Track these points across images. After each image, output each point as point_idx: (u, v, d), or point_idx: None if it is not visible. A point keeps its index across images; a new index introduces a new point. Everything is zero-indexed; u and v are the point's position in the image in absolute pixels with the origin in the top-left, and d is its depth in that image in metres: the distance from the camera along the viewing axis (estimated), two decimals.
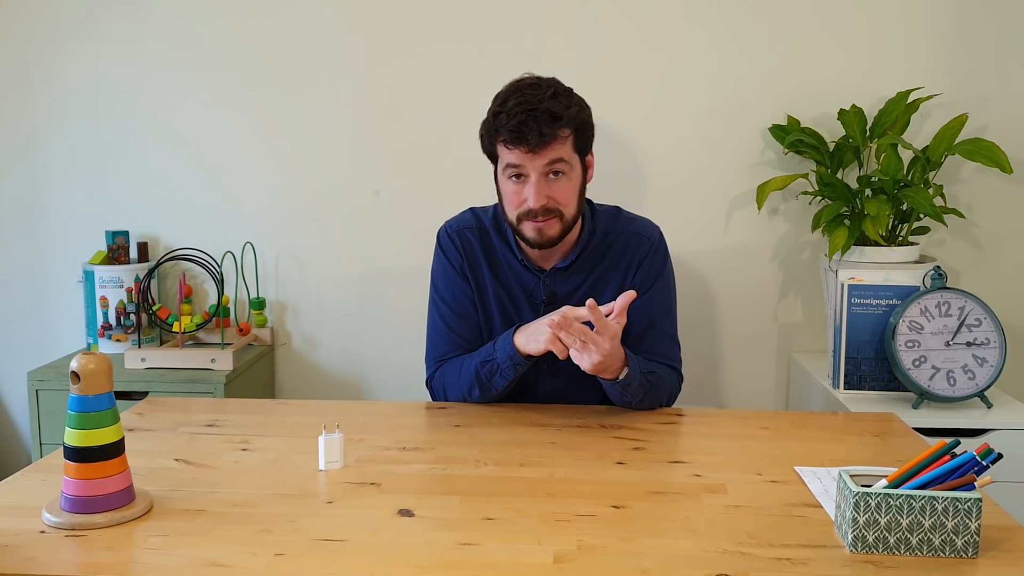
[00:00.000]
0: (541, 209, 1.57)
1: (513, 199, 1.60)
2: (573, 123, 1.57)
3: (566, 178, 1.59)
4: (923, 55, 2.27)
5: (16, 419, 2.59)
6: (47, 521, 1.14)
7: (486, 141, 1.63)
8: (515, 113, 1.52)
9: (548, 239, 1.61)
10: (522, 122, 1.51)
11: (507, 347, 1.59)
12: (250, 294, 2.47)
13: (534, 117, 1.51)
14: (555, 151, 1.55)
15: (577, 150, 1.60)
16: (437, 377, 1.72)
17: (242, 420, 1.59)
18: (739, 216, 2.37)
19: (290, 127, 2.41)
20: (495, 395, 1.65)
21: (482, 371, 1.63)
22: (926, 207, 2.01)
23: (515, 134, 1.52)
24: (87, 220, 2.48)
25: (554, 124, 1.53)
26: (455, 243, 1.73)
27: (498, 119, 1.56)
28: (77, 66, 2.42)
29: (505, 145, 1.56)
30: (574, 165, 1.60)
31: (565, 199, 1.59)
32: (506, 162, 1.58)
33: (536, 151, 1.53)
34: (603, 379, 1.57)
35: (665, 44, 2.32)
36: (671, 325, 1.73)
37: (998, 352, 1.87)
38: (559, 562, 1.04)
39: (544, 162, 1.55)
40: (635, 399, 1.60)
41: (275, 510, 1.19)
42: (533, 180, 1.56)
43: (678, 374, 1.72)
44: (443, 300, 1.74)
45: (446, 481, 1.30)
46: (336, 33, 2.37)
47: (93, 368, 1.13)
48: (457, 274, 1.73)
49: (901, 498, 1.05)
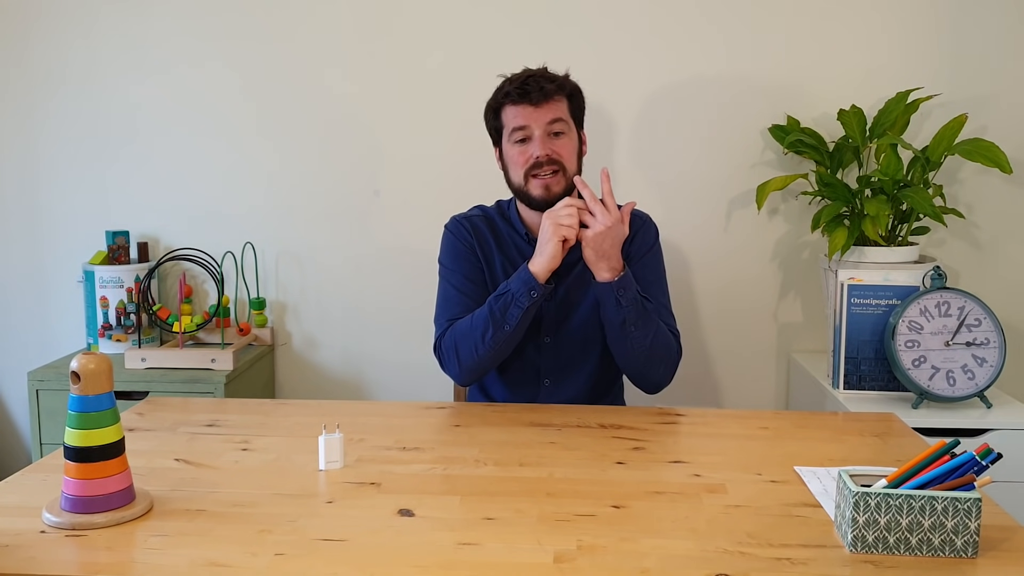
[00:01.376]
0: (546, 159, 1.68)
1: (519, 159, 1.71)
2: (567, 88, 1.73)
3: (566, 137, 1.71)
4: (923, 55, 2.27)
5: (16, 419, 2.59)
6: (47, 521, 1.14)
7: (491, 116, 1.76)
8: (517, 79, 1.71)
9: (554, 195, 1.70)
10: (524, 82, 1.69)
11: (522, 274, 1.65)
12: (250, 294, 2.47)
13: (534, 79, 1.70)
14: (555, 109, 1.70)
15: (572, 116, 1.73)
16: (448, 335, 1.71)
17: (242, 420, 1.59)
18: (739, 216, 2.37)
19: (290, 127, 2.41)
20: (507, 336, 1.65)
21: (495, 305, 1.65)
22: (926, 207, 2.01)
23: (520, 91, 1.69)
24: (87, 220, 2.48)
25: (553, 83, 1.70)
26: (464, 227, 1.82)
27: (502, 89, 1.73)
28: (77, 66, 2.42)
29: (512, 103, 1.70)
30: (572, 127, 1.73)
31: (567, 155, 1.71)
32: (512, 126, 1.70)
33: (539, 105, 1.68)
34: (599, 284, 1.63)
35: (665, 44, 2.32)
36: (664, 295, 1.79)
37: (998, 352, 1.87)
38: (559, 562, 1.04)
39: (546, 119, 1.68)
40: (630, 315, 1.63)
41: (275, 510, 1.19)
42: (537, 135, 1.69)
43: (676, 340, 1.74)
44: (453, 271, 1.80)
45: (446, 481, 1.30)
46: (337, 33, 2.37)
47: (93, 368, 1.14)
48: (467, 250, 1.80)
49: (901, 498, 1.05)
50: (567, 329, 1.77)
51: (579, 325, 1.76)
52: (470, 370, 1.70)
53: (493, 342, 1.65)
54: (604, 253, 1.62)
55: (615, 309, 1.63)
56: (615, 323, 1.65)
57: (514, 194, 1.77)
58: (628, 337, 1.65)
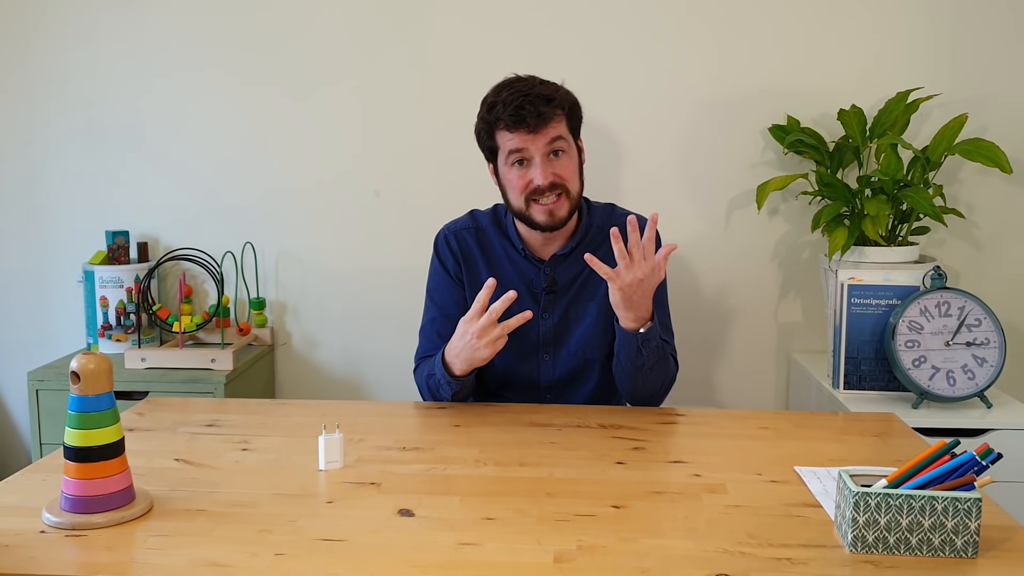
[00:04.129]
0: (548, 185, 1.61)
1: (518, 183, 1.64)
2: (565, 103, 1.64)
3: (566, 156, 1.65)
4: (923, 55, 2.27)
5: (16, 419, 2.59)
6: (47, 521, 1.14)
7: (484, 136, 1.67)
8: (510, 101, 1.60)
9: (559, 220, 1.65)
10: (519, 106, 1.58)
11: (438, 365, 1.64)
12: (250, 294, 2.47)
13: (529, 100, 1.59)
14: (553, 129, 1.62)
15: (570, 130, 1.66)
16: (417, 373, 1.76)
17: (242, 420, 1.59)
18: (739, 216, 2.37)
19: (290, 127, 2.41)
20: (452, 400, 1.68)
21: (429, 383, 1.69)
22: (926, 207, 2.01)
23: (515, 117, 1.59)
24: (87, 220, 2.48)
25: (549, 104, 1.60)
26: (451, 246, 1.77)
27: (494, 110, 1.62)
28: (77, 66, 2.42)
29: (507, 130, 1.61)
30: (571, 144, 1.66)
31: (568, 175, 1.65)
32: (508, 149, 1.63)
33: (536, 131, 1.60)
34: (626, 329, 1.58)
35: (665, 44, 2.32)
36: (665, 315, 1.75)
37: (998, 352, 1.87)
38: (559, 562, 1.04)
39: (545, 141, 1.61)
40: (649, 361, 1.60)
41: (275, 510, 1.19)
42: (537, 160, 1.61)
43: (675, 363, 1.72)
44: (432, 302, 1.79)
45: (446, 481, 1.30)
46: (336, 33, 2.37)
47: (93, 368, 1.13)
48: (450, 277, 1.77)
49: (901, 498, 1.05)
50: (566, 346, 1.73)
51: (578, 342, 1.72)
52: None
53: (442, 402, 1.69)
54: (634, 304, 1.54)
55: (635, 355, 1.59)
56: (630, 365, 1.62)
57: (514, 216, 1.70)
58: (641, 377, 1.63)
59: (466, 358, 1.59)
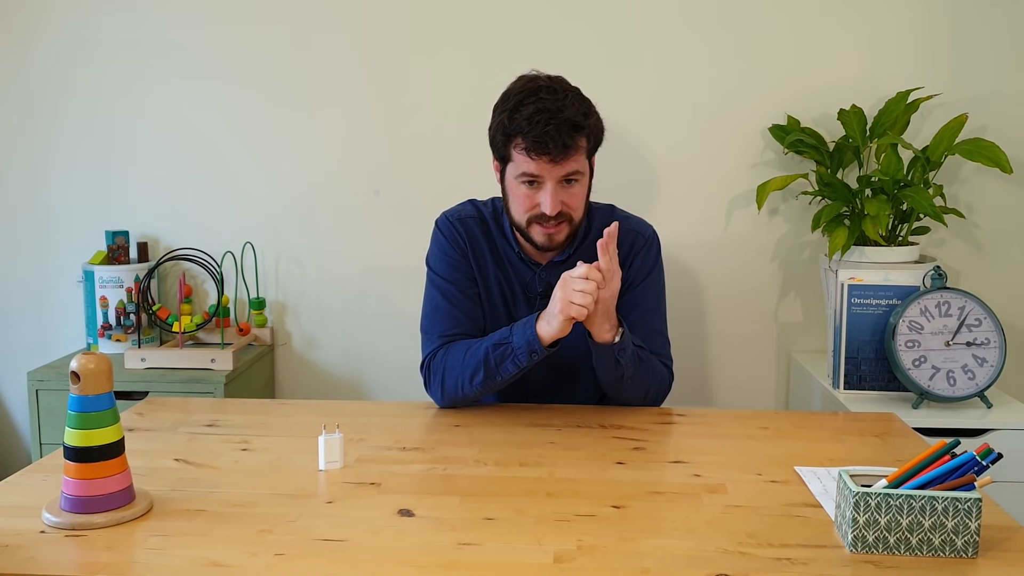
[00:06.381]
0: (555, 215, 1.58)
1: (524, 202, 1.59)
2: (591, 132, 1.58)
3: (579, 185, 1.60)
4: (923, 55, 2.27)
5: (16, 419, 2.59)
6: (47, 521, 1.14)
7: (499, 142, 1.59)
8: (537, 121, 1.50)
9: (557, 244, 1.63)
10: (544, 132, 1.50)
11: (527, 331, 1.55)
12: (250, 294, 2.47)
13: (555, 127, 1.50)
14: (575, 162, 1.55)
15: (588, 155, 1.61)
16: (439, 357, 1.65)
17: (242, 420, 1.59)
18: (739, 216, 2.37)
19: (290, 127, 2.41)
20: (496, 385, 1.60)
21: (493, 354, 1.57)
22: (926, 207, 2.01)
23: (538, 143, 1.51)
24: (87, 220, 2.48)
25: (575, 134, 1.53)
26: (457, 230, 1.71)
27: (515, 123, 1.53)
28: (77, 67, 2.42)
29: (527, 154, 1.53)
30: (585, 172, 1.61)
31: (576, 204, 1.61)
32: (522, 170, 1.56)
33: (557, 161, 1.53)
34: (598, 344, 1.55)
35: (665, 44, 2.32)
36: (661, 323, 1.73)
37: (998, 352, 1.87)
38: (559, 562, 1.04)
39: (562, 172, 1.55)
40: (628, 371, 1.58)
41: (275, 510, 1.19)
42: (549, 188, 1.55)
43: (669, 371, 1.70)
44: (443, 279, 1.70)
45: (446, 481, 1.30)
46: (335, 33, 2.36)
47: (93, 368, 1.13)
48: (460, 257, 1.71)
49: (901, 498, 1.05)
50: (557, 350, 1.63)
51: (570, 346, 1.64)
52: (452, 401, 1.64)
53: (482, 387, 1.60)
54: (609, 313, 1.54)
55: (613, 368, 1.58)
56: (612, 378, 1.60)
57: (512, 226, 1.67)
58: (624, 388, 1.62)
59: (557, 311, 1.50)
